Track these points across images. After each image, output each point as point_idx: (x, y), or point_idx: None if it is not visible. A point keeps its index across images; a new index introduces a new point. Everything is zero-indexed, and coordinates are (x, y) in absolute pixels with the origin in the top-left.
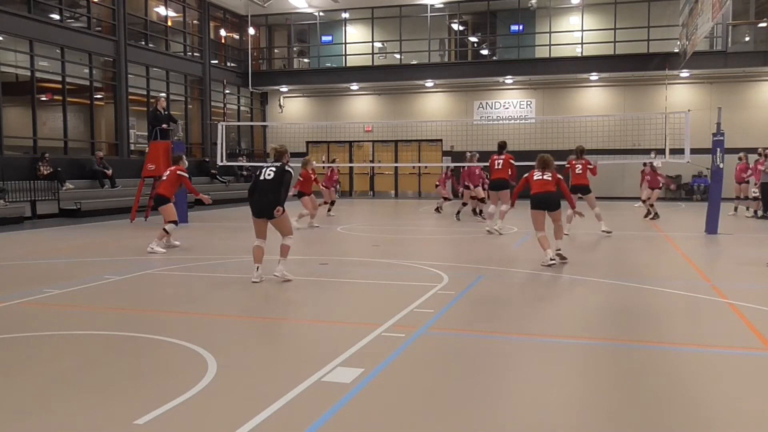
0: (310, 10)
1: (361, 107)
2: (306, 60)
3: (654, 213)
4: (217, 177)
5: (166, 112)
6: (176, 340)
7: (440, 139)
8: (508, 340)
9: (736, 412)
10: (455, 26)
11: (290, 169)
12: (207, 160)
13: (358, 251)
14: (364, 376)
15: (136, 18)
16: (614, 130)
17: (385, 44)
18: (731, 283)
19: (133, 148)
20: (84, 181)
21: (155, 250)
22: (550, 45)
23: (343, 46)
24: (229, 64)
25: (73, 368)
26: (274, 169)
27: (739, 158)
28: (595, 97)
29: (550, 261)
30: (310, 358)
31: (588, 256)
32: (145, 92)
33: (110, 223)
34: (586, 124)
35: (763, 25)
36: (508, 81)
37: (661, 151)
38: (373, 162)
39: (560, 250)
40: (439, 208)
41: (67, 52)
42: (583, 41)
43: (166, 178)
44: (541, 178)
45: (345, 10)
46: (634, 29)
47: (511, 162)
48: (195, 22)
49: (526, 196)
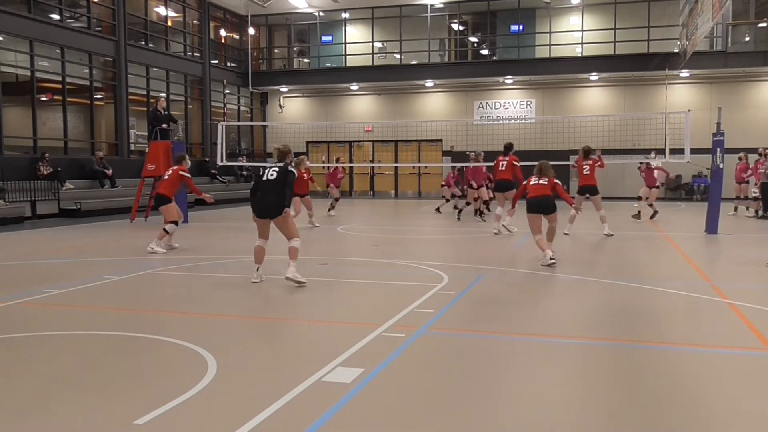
0: (310, 10)
1: (361, 107)
2: (306, 60)
3: (654, 211)
4: (217, 177)
5: (166, 112)
6: (176, 340)
7: (440, 139)
8: (508, 340)
9: (736, 412)
10: (455, 26)
11: (293, 170)
12: (207, 160)
13: (358, 251)
14: (364, 376)
15: (136, 18)
16: (614, 130)
17: (385, 44)
18: (731, 283)
19: (133, 148)
20: (84, 181)
21: (155, 250)
22: (550, 45)
23: (343, 46)
24: (229, 64)
25: (73, 368)
26: (277, 169)
27: (739, 158)
28: (595, 97)
29: (549, 260)
30: (310, 358)
31: (588, 256)
32: (145, 92)
33: (110, 223)
34: (586, 124)
35: (763, 25)
36: (508, 81)
37: (661, 151)
38: (373, 162)
39: (553, 258)
40: (439, 208)
41: (67, 52)
42: (583, 41)
43: (168, 178)
44: (537, 183)
45: (345, 10)
46: (634, 29)
47: (515, 164)
48: (195, 22)
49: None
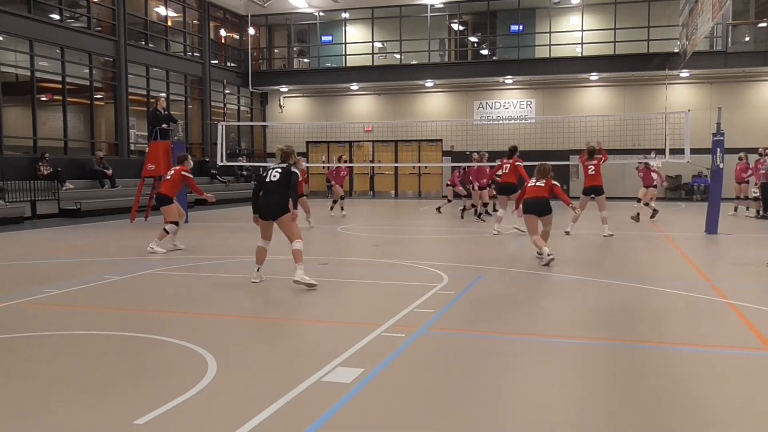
0: (310, 10)
1: (361, 107)
2: (306, 60)
3: (653, 210)
4: (217, 177)
5: (166, 112)
6: (176, 340)
7: (440, 139)
8: (508, 340)
9: (736, 412)
10: (455, 26)
11: (296, 171)
12: (207, 160)
13: (358, 251)
14: (364, 376)
15: (136, 18)
16: (614, 130)
17: (385, 44)
18: (731, 283)
19: (133, 148)
20: (84, 181)
21: (155, 251)
22: (550, 45)
23: (343, 46)
24: (229, 64)
25: (73, 368)
26: (280, 170)
27: (739, 158)
28: (595, 97)
29: (548, 258)
30: (310, 358)
31: (588, 256)
32: (145, 92)
33: (110, 223)
34: (586, 124)
35: (763, 25)
36: (508, 81)
37: (661, 151)
38: (373, 162)
39: (550, 254)
40: (440, 208)
41: (67, 52)
42: (583, 41)
43: (170, 178)
44: (534, 185)
45: (345, 10)
46: (634, 29)
47: (518, 165)
48: (195, 22)
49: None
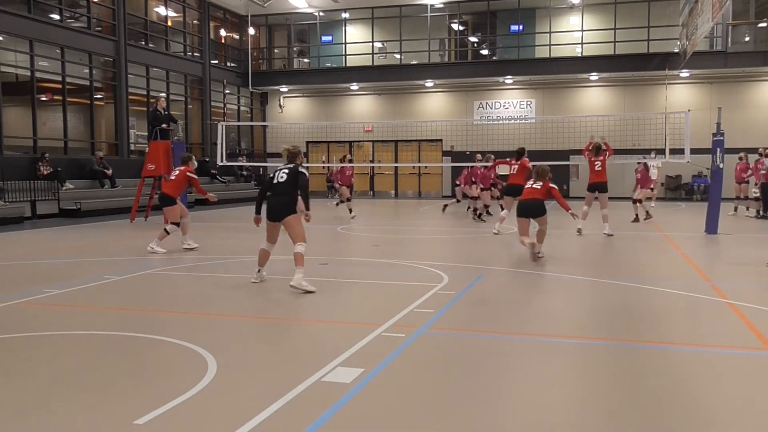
0: (310, 10)
1: (361, 107)
2: (306, 60)
3: (645, 213)
4: (217, 177)
5: (166, 112)
6: (176, 340)
7: (440, 139)
8: (508, 340)
9: (736, 412)
10: (455, 26)
11: (305, 171)
12: (207, 160)
13: (358, 251)
14: (364, 376)
15: (136, 18)
16: (614, 130)
17: (385, 44)
18: (731, 283)
19: (133, 148)
20: (84, 181)
21: (155, 251)
22: (550, 45)
23: (343, 46)
24: (229, 64)
25: (73, 368)
26: (287, 171)
27: (739, 158)
28: (595, 97)
29: (529, 247)
30: (310, 358)
31: (588, 256)
32: (145, 92)
33: (110, 223)
34: (586, 124)
35: (763, 25)
36: (508, 81)
37: (661, 151)
38: (373, 162)
39: (540, 253)
40: (446, 207)
41: (67, 52)
42: (583, 41)
43: (175, 178)
44: (531, 186)
45: (345, 10)
46: (634, 29)
47: (527, 167)
48: (195, 22)
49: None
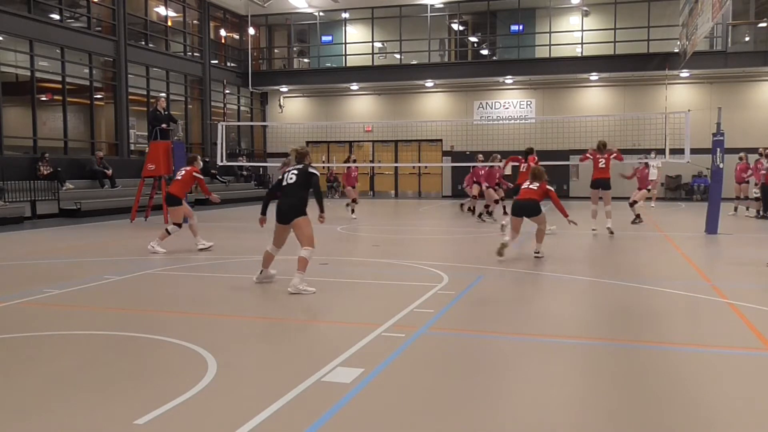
0: (310, 10)
1: (361, 107)
2: (306, 60)
3: (636, 215)
4: (217, 177)
5: (166, 112)
6: (176, 340)
7: (440, 139)
8: (508, 340)
9: (736, 412)
10: (455, 26)
11: (315, 171)
12: (207, 160)
13: (358, 251)
14: (364, 376)
15: (136, 18)
16: (614, 130)
17: (385, 44)
18: (731, 283)
19: (133, 148)
20: (84, 181)
21: (156, 250)
22: (550, 45)
23: (343, 46)
24: (229, 64)
25: (73, 368)
26: (296, 172)
27: (739, 158)
28: (595, 97)
29: (501, 246)
30: (310, 358)
31: (588, 256)
32: (145, 92)
33: (110, 223)
34: (586, 124)
35: (763, 25)
36: (508, 81)
37: (661, 151)
38: (373, 162)
39: (539, 253)
40: (471, 208)
41: (67, 52)
42: (583, 41)
43: (181, 178)
44: (528, 187)
45: (345, 10)
46: (634, 29)
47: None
48: (195, 22)
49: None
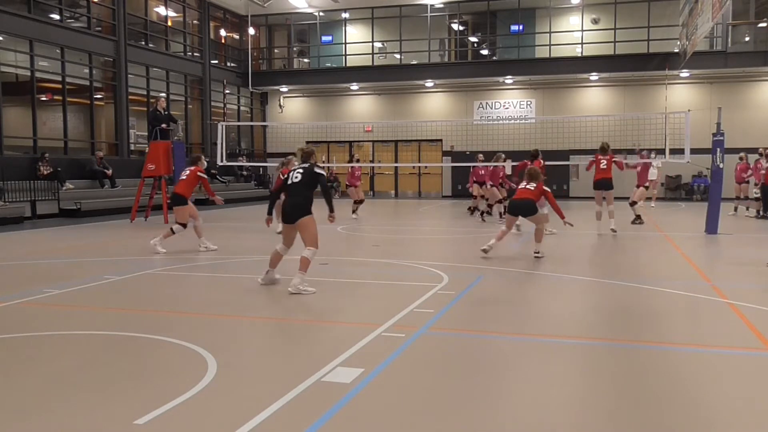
0: (310, 10)
1: (361, 107)
2: (306, 60)
3: (636, 216)
4: (217, 177)
5: (166, 112)
6: (176, 340)
7: (440, 139)
8: (508, 340)
9: (736, 412)
10: (455, 26)
11: (321, 170)
12: (207, 160)
13: (358, 251)
14: (364, 376)
15: (136, 18)
16: (614, 130)
17: (385, 44)
18: (731, 283)
19: (133, 148)
20: (84, 181)
21: (157, 250)
22: (550, 45)
23: (343, 46)
24: (229, 64)
25: (73, 368)
26: (302, 171)
27: (739, 158)
28: (595, 97)
29: (487, 247)
30: (310, 358)
31: (588, 256)
32: (145, 92)
33: (110, 223)
34: (586, 124)
35: (763, 25)
36: (508, 81)
37: (661, 151)
38: (373, 162)
39: (539, 252)
40: (473, 207)
41: (67, 52)
42: (583, 41)
43: (186, 178)
44: (524, 187)
45: (345, 10)
46: (634, 29)
47: (541, 167)
48: (195, 22)
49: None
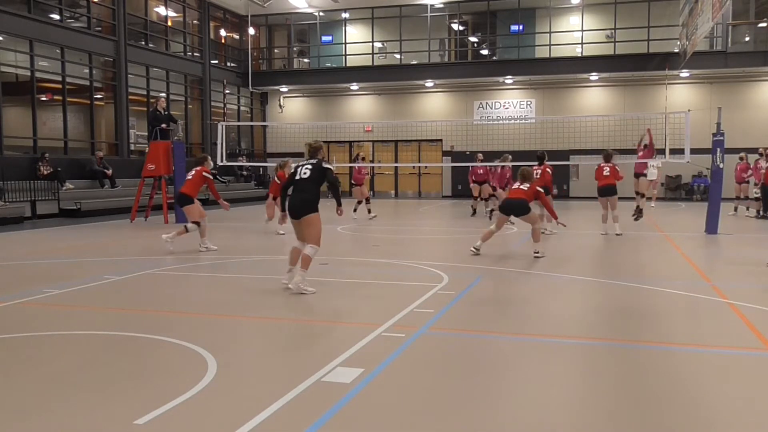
0: (310, 10)
1: (361, 107)
2: (306, 60)
3: (638, 211)
4: (217, 177)
5: (166, 112)
6: (176, 340)
7: (440, 139)
8: (508, 340)
9: (736, 412)
10: (455, 26)
11: (329, 166)
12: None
13: (358, 251)
14: (364, 376)
15: (136, 18)
16: (614, 130)
17: (385, 44)
18: (731, 283)
19: (133, 148)
20: (84, 181)
21: (168, 249)
22: (550, 45)
23: (343, 46)
24: (229, 64)
25: (73, 368)
26: (310, 166)
27: (739, 158)
28: (595, 97)
29: (474, 249)
30: (310, 358)
31: (588, 256)
32: (145, 92)
33: (110, 223)
34: (586, 124)
35: (763, 25)
36: (508, 81)
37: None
38: (373, 162)
39: (538, 252)
40: (475, 207)
41: (67, 52)
42: (583, 41)
43: (192, 178)
44: (518, 187)
45: (345, 10)
46: (634, 29)
47: (548, 172)
48: (195, 22)
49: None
